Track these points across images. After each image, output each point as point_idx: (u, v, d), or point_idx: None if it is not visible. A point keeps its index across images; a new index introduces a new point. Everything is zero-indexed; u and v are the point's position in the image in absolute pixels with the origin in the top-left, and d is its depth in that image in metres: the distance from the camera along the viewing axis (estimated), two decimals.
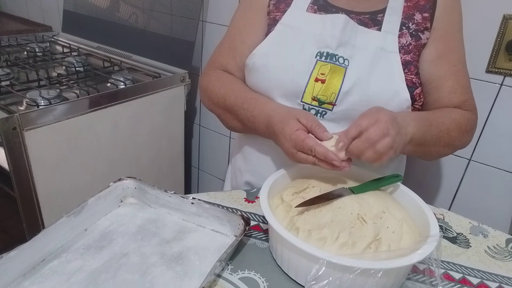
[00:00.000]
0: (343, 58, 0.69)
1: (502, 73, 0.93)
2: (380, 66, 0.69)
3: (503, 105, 0.95)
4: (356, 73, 0.68)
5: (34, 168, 1.00)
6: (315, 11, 0.74)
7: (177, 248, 0.57)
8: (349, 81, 0.68)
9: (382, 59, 0.70)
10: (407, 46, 0.71)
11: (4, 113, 1.00)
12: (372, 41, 0.70)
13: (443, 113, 0.71)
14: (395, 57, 0.70)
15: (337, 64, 0.69)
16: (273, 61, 0.72)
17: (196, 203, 0.62)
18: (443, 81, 0.73)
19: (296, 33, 0.72)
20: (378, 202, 0.55)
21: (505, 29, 0.89)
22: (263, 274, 0.53)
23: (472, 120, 0.74)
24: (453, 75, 0.73)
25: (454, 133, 0.70)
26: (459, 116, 0.71)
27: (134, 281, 0.51)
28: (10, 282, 0.50)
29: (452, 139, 0.70)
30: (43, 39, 1.74)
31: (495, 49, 0.91)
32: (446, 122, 0.69)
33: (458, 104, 0.73)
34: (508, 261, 0.61)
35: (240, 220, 0.58)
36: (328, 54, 0.70)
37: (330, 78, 0.68)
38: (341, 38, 0.69)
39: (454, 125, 0.70)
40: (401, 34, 0.71)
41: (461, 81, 0.74)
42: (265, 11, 0.78)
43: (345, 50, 0.70)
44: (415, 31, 0.72)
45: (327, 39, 0.70)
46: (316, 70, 0.69)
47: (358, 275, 0.45)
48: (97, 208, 0.62)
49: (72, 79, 1.26)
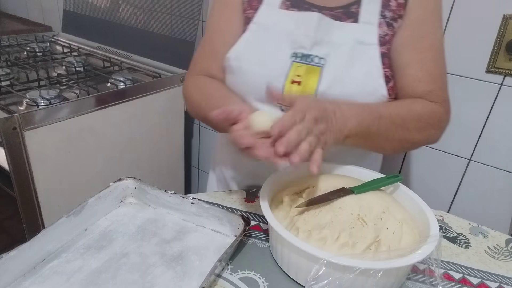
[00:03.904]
0: (319, 57, 0.67)
1: (502, 73, 0.93)
2: (358, 62, 0.66)
3: (503, 105, 0.95)
4: (332, 72, 0.65)
5: (34, 168, 1.00)
6: (287, 7, 0.70)
7: (177, 248, 0.57)
8: (326, 81, 0.65)
9: (360, 54, 0.66)
10: (383, 37, 0.67)
11: (4, 113, 1.00)
12: (349, 35, 0.66)
13: (401, 105, 0.66)
14: (374, 50, 0.66)
15: (312, 64, 0.66)
16: (248, 64, 0.69)
17: (196, 203, 0.62)
18: (406, 69, 0.68)
19: (270, 33, 0.69)
20: (378, 202, 0.55)
21: (505, 29, 0.89)
22: (263, 274, 0.53)
23: (438, 113, 0.68)
24: (418, 63, 0.67)
25: (411, 126, 0.64)
26: (421, 108, 0.66)
27: (134, 281, 0.51)
28: (10, 282, 0.50)
29: (409, 133, 0.65)
30: (43, 39, 1.74)
31: (495, 49, 0.91)
32: (402, 114, 0.64)
33: (422, 94, 0.68)
34: (508, 261, 0.61)
35: (240, 220, 0.58)
36: (303, 55, 0.67)
37: (306, 79, 0.66)
38: (315, 37, 0.66)
39: (412, 117, 0.64)
40: (379, 24, 0.67)
41: (428, 69, 0.68)
42: (240, 8, 0.74)
43: (320, 48, 0.67)
44: (391, 19, 0.67)
45: (301, 40, 0.67)
46: (292, 72, 0.67)
47: (358, 275, 0.45)
48: (97, 208, 0.62)
49: (72, 79, 1.26)
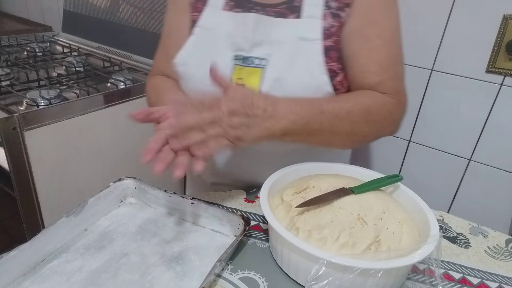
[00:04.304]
0: (259, 58, 0.65)
1: (502, 73, 0.93)
2: (300, 60, 0.64)
3: (503, 105, 0.95)
4: (274, 72, 0.64)
5: (34, 168, 1.00)
6: (231, 8, 0.68)
7: (177, 248, 0.57)
8: (268, 83, 0.64)
9: (302, 51, 0.64)
10: (328, 30, 0.64)
11: (4, 113, 1.00)
12: (290, 33, 0.64)
13: (348, 98, 0.64)
14: (317, 46, 0.63)
15: (253, 66, 0.65)
16: (193, 69, 0.68)
17: (196, 203, 0.62)
18: (355, 60, 0.65)
19: (213, 37, 0.68)
20: (378, 202, 0.55)
21: (505, 29, 0.89)
22: (263, 274, 0.53)
23: (388, 105, 0.65)
24: (366, 52, 0.65)
25: (358, 119, 0.62)
26: (369, 100, 0.64)
27: (134, 281, 0.51)
28: (10, 282, 0.50)
29: (357, 126, 0.62)
30: (43, 39, 1.74)
31: (495, 49, 0.91)
32: (347, 107, 0.61)
33: (372, 85, 0.65)
34: (508, 261, 0.61)
35: (240, 220, 0.58)
36: (243, 57, 0.66)
37: (248, 81, 0.65)
38: (254, 39, 0.65)
39: (359, 110, 0.62)
40: (324, 16, 0.64)
41: (377, 58, 0.65)
42: (188, 10, 0.73)
43: (261, 49, 0.65)
44: (336, 9, 0.64)
45: (240, 42, 0.66)
46: (234, 75, 0.66)
47: (358, 275, 0.45)
48: (97, 208, 0.62)
49: (72, 79, 1.26)
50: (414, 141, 1.12)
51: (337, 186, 0.58)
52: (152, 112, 0.55)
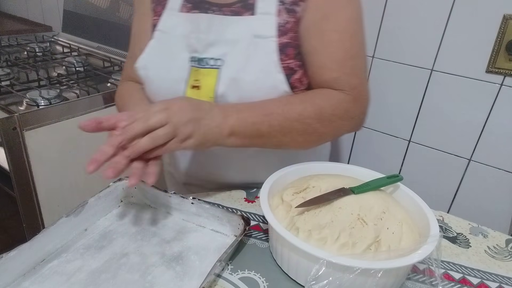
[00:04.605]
0: (214, 59, 0.64)
1: (502, 73, 0.93)
2: (255, 58, 0.62)
3: (503, 105, 0.95)
4: (229, 72, 0.63)
5: (34, 168, 1.00)
6: (189, 10, 0.68)
7: (177, 248, 0.57)
8: (223, 83, 0.63)
9: (257, 49, 0.62)
10: (283, 26, 0.62)
11: (4, 113, 1.00)
12: (244, 31, 0.63)
13: (300, 98, 0.62)
14: (271, 43, 0.62)
15: (208, 67, 0.65)
16: (153, 73, 0.68)
17: (196, 203, 0.62)
18: (311, 56, 0.63)
19: (170, 40, 0.68)
20: (378, 202, 0.55)
21: (505, 29, 0.89)
22: (263, 274, 0.53)
23: (344, 103, 0.63)
24: (322, 48, 0.63)
25: (311, 120, 0.61)
26: (323, 99, 0.62)
27: (134, 281, 0.51)
28: (10, 282, 0.50)
29: (311, 127, 0.61)
30: (43, 39, 1.74)
31: (495, 49, 0.91)
32: (298, 109, 0.60)
33: (328, 82, 0.63)
34: (508, 261, 0.61)
35: (240, 220, 0.58)
36: (198, 59, 0.65)
37: (204, 83, 0.64)
38: (207, 39, 0.64)
39: (311, 111, 0.61)
40: (278, 13, 0.62)
41: (331, 53, 0.62)
42: (150, 14, 0.73)
43: (216, 49, 0.64)
44: (291, 4, 0.63)
45: (194, 43, 0.65)
46: (191, 77, 0.66)
47: (358, 275, 0.45)
48: (97, 208, 0.62)
49: (72, 79, 1.26)
50: (414, 141, 1.12)
51: (337, 186, 0.58)
52: (102, 121, 0.54)
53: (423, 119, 1.08)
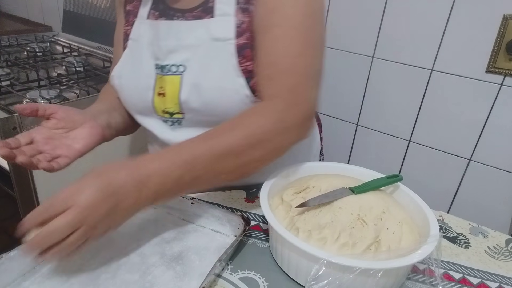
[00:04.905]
0: (176, 65, 0.63)
1: (502, 73, 0.93)
2: (215, 62, 0.60)
3: (503, 105, 0.95)
4: (191, 78, 0.62)
5: None
6: (156, 17, 0.67)
7: (177, 248, 0.57)
8: (185, 90, 0.62)
9: (217, 53, 0.60)
10: (239, 27, 0.60)
11: (4, 113, 1.00)
12: (204, 34, 0.61)
13: (227, 126, 0.55)
14: (230, 46, 0.59)
15: (170, 74, 0.64)
16: (125, 81, 0.69)
17: (196, 203, 0.62)
18: (257, 54, 0.59)
19: (139, 48, 0.68)
20: (378, 203, 0.55)
21: (505, 29, 0.89)
22: (263, 274, 0.53)
23: (276, 113, 0.55)
24: (263, 44, 0.58)
25: (242, 148, 0.53)
26: (252, 118, 0.55)
27: (134, 281, 0.51)
28: (10, 282, 0.50)
29: (244, 156, 0.54)
30: (43, 39, 1.74)
31: (495, 49, 0.92)
32: (225, 140, 0.53)
33: (263, 82, 0.58)
34: (508, 261, 0.61)
35: (240, 220, 0.58)
36: (161, 66, 0.65)
37: (168, 90, 0.64)
38: (167, 46, 0.64)
39: (241, 136, 0.53)
40: (236, 13, 0.60)
41: (271, 50, 0.57)
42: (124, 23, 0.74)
43: (177, 56, 0.63)
44: (245, 3, 0.60)
45: (156, 51, 0.65)
46: (157, 84, 0.66)
47: (358, 275, 0.45)
48: None
49: (72, 79, 1.26)
50: (414, 141, 1.12)
51: (337, 186, 0.58)
52: (38, 109, 0.59)
53: (423, 119, 1.08)
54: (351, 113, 1.22)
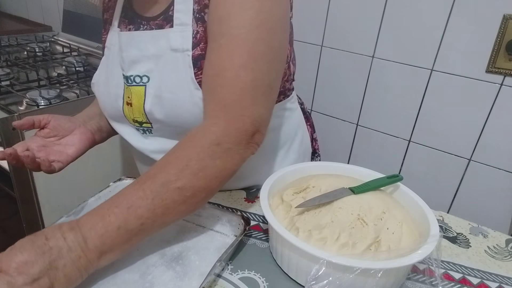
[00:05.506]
0: (140, 76, 0.62)
1: (502, 73, 0.93)
2: (174, 74, 0.59)
3: (503, 105, 0.95)
4: (154, 89, 0.61)
5: None
6: (126, 25, 0.67)
7: (177, 248, 0.57)
8: (149, 101, 0.62)
9: (176, 64, 0.58)
10: (195, 37, 0.57)
11: (4, 113, 1.00)
12: (164, 45, 0.59)
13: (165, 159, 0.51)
14: (187, 57, 0.57)
15: (135, 85, 0.63)
16: (100, 88, 0.71)
17: None
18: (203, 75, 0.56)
19: (112, 56, 0.68)
20: (378, 203, 0.55)
21: (505, 29, 0.89)
22: (263, 274, 0.53)
23: (211, 134, 0.51)
24: (208, 55, 0.55)
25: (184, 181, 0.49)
26: (188, 145, 0.51)
27: (134, 281, 0.51)
28: None
29: (188, 187, 0.49)
30: (43, 39, 1.75)
31: (495, 49, 0.92)
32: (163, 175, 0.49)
33: (204, 98, 0.56)
34: (508, 261, 0.61)
35: (240, 220, 0.58)
36: (126, 77, 0.65)
37: (134, 100, 0.64)
38: (129, 57, 0.63)
39: (181, 167, 0.49)
40: (192, 22, 0.58)
41: (211, 62, 0.54)
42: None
43: (140, 66, 0.62)
44: (199, 12, 0.57)
45: (121, 61, 0.65)
46: (125, 94, 0.66)
47: (358, 275, 0.45)
48: None
49: (72, 79, 1.26)
50: (414, 141, 1.12)
51: (337, 186, 0.58)
52: (34, 122, 0.64)
53: (423, 119, 1.08)
54: (351, 113, 1.22)
